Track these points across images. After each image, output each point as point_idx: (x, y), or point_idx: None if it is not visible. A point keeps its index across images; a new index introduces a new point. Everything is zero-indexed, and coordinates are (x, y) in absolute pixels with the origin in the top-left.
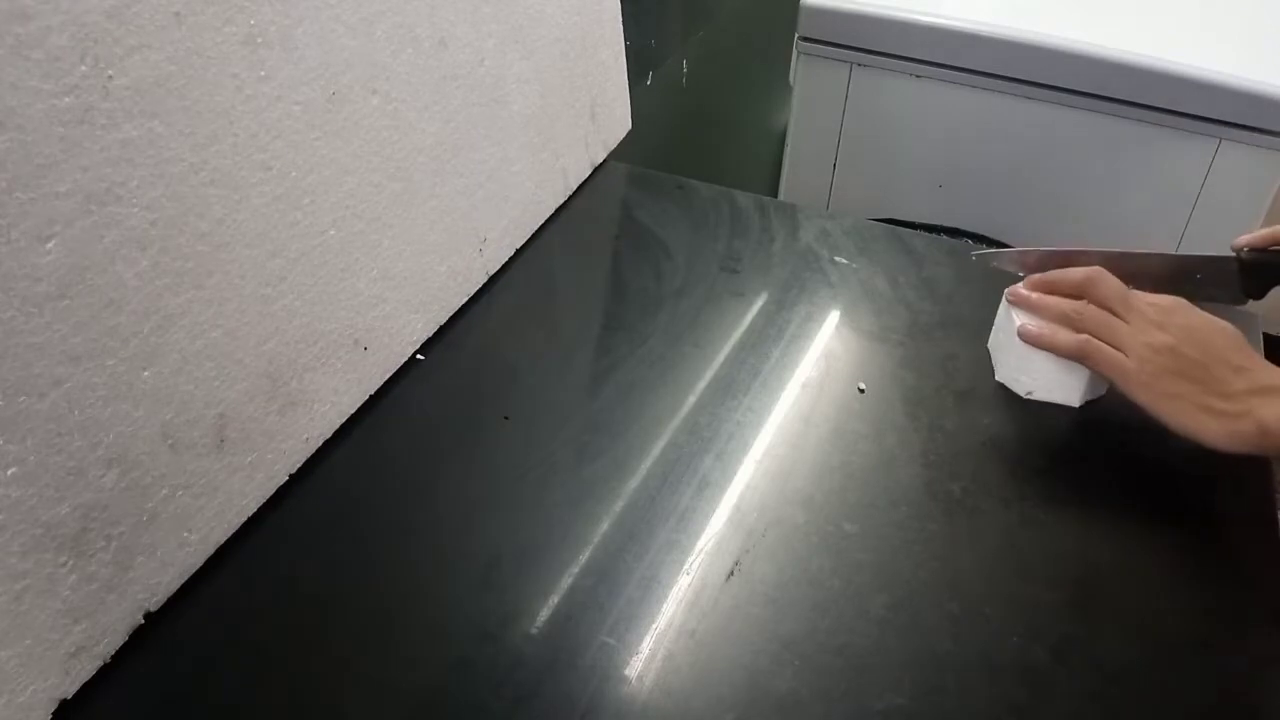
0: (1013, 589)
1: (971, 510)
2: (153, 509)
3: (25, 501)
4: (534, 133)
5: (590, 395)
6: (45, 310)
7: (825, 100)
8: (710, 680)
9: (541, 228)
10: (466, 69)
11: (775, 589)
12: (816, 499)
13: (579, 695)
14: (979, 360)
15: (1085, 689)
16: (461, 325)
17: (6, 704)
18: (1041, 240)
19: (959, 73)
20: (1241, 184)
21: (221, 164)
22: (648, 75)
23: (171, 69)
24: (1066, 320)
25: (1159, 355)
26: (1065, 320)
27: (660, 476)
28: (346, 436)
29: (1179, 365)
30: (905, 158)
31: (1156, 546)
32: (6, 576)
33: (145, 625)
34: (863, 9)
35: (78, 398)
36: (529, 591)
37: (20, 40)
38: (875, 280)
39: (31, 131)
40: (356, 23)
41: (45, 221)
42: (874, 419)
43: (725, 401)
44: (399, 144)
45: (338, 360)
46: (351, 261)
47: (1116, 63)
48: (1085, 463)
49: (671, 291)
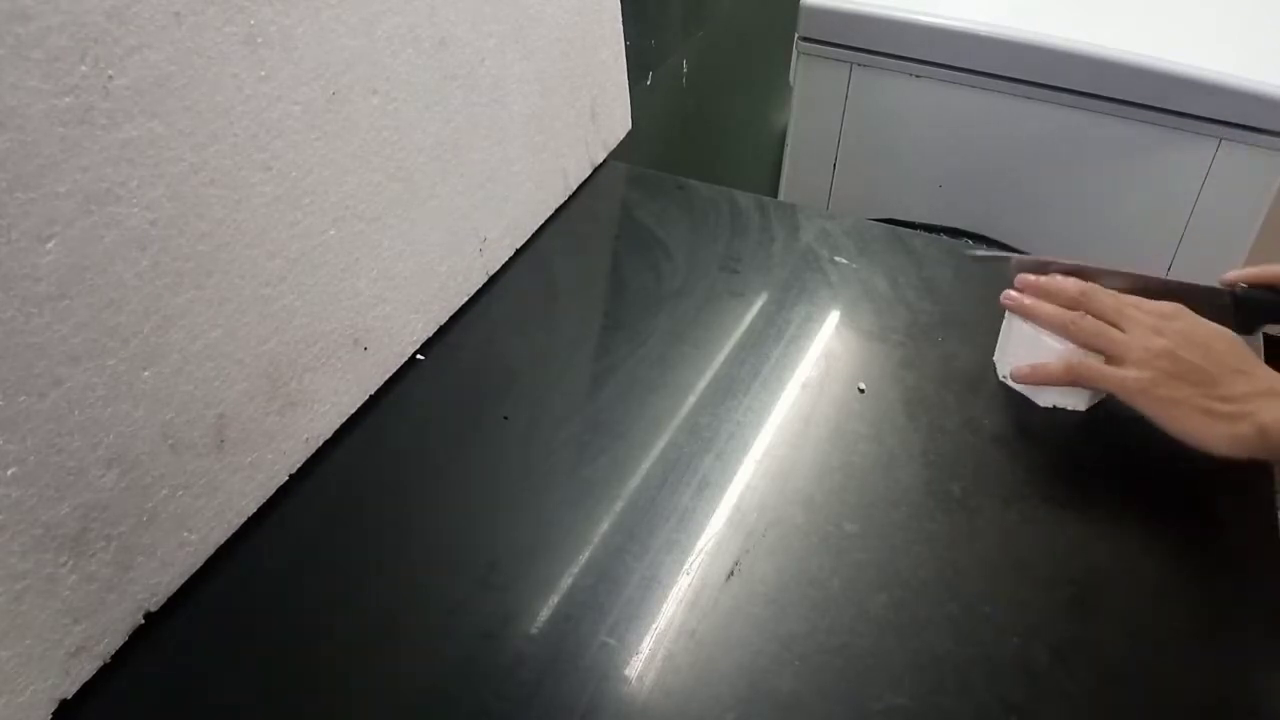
0: (1013, 589)
1: (971, 510)
2: (153, 509)
3: (25, 501)
4: (534, 133)
5: (590, 395)
6: (45, 310)
7: (825, 100)
8: (710, 680)
9: (541, 228)
10: (466, 69)
11: (775, 589)
12: (816, 499)
13: (579, 695)
14: (979, 360)
15: (1085, 689)
16: (461, 325)
17: (6, 704)
18: (1043, 240)
19: (959, 73)
20: (1241, 184)
21: (221, 164)
22: (648, 75)
23: (171, 69)
24: (1062, 329)
25: (1158, 360)
26: (1061, 329)
27: (660, 476)
28: (346, 436)
29: (1178, 370)
30: (905, 158)
31: (1156, 547)
32: (6, 576)
33: (145, 625)
34: (863, 9)
35: (78, 398)
36: (529, 591)
37: (20, 40)
38: (875, 280)
39: (31, 131)
40: (356, 23)
41: (45, 221)
42: (874, 419)
43: (725, 401)
44: (399, 144)
45: (338, 360)
46: (351, 261)
47: (1116, 63)
48: (1085, 463)
49: (671, 291)
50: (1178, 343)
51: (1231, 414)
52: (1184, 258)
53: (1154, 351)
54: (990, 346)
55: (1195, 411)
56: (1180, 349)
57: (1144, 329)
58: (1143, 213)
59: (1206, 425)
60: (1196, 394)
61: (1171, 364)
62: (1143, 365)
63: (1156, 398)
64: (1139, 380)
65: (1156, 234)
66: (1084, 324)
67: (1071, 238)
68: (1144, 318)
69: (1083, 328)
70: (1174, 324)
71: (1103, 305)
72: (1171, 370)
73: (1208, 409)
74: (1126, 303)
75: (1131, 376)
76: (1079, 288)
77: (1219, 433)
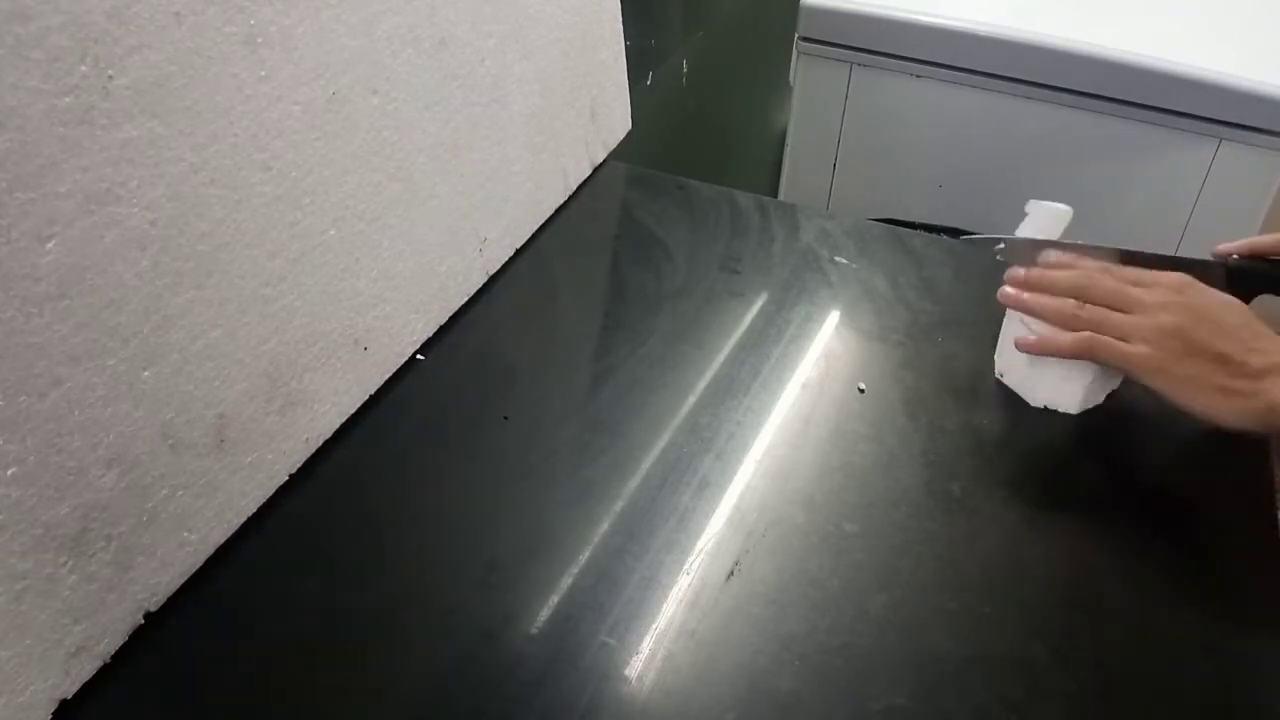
0: (1012, 589)
1: (971, 510)
2: (153, 509)
3: (25, 501)
4: (534, 133)
5: (590, 395)
6: (45, 310)
7: (825, 100)
8: (710, 680)
9: (541, 228)
10: (466, 69)
11: (775, 589)
12: (816, 499)
13: (579, 695)
14: (979, 360)
15: (1085, 689)
16: (461, 325)
17: (6, 704)
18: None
19: (959, 73)
20: (1241, 184)
21: (221, 164)
22: (648, 75)
23: (171, 69)
24: (1066, 321)
25: (1168, 338)
26: (1064, 321)
27: (660, 476)
28: (346, 436)
29: (1189, 346)
30: (905, 158)
31: (1156, 546)
32: (6, 576)
33: (145, 625)
34: (863, 9)
35: (78, 398)
36: (529, 591)
37: (20, 40)
38: (875, 280)
39: (31, 131)
40: (356, 23)
41: (45, 221)
42: (874, 419)
43: (725, 401)
44: (399, 144)
45: (338, 360)
46: (351, 261)
47: (1116, 63)
48: (1085, 462)
49: (671, 291)
50: (1187, 319)
51: (1245, 389)
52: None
53: (1164, 331)
54: (990, 346)
55: (1208, 388)
56: (1190, 327)
57: (1151, 308)
58: (1143, 213)
59: (1221, 401)
60: (1209, 370)
61: (1182, 342)
62: (1152, 344)
63: (1168, 375)
64: (1150, 358)
65: (1156, 234)
66: (1086, 313)
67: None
68: (1149, 295)
69: (1085, 319)
70: (1182, 298)
71: (1104, 290)
72: (1183, 348)
73: (1221, 385)
74: (1129, 280)
75: (1142, 353)
76: (1073, 279)
77: (1232, 408)
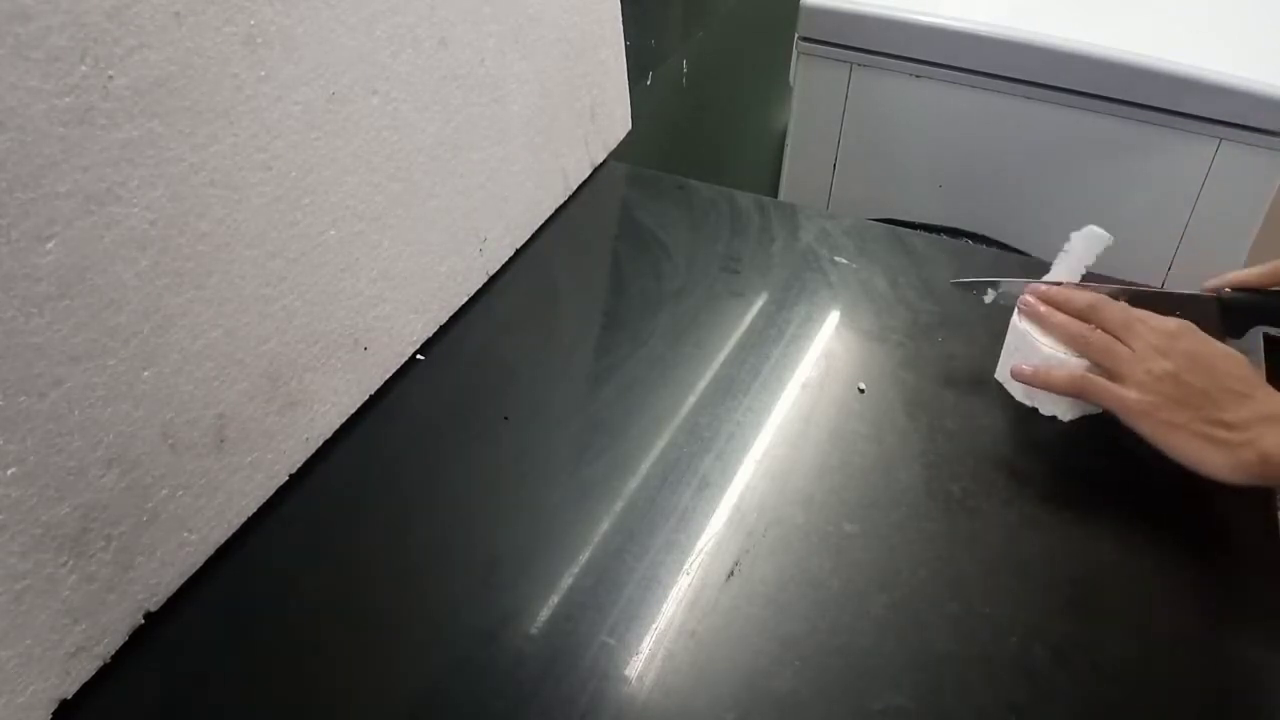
0: (1013, 589)
1: (971, 510)
2: (153, 509)
3: (25, 501)
4: (534, 133)
5: (590, 395)
6: (45, 310)
7: (825, 100)
8: (710, 680)
9: (541, 228)
10: (466, 69)
11: (775, 589)
12: (816, 499)
13: (579, 695)
14: (979, 360)
15: (1085, 689)
16: (461, 325)
17: (6, 704)
18: (1043, 240)
19: (959, 73)
20: (1241, 184)
21: (221, 164)
22: (648, 75)
23: (171, 69)
24: (1075, 341)
25: (1160, 383)
26: (1074, 341)
27: (660, 476)
28: (346, 436)
29: (1181, 393)
30: (905, 158)
31: (1156, 546)
32: (6, 576)
33: (145, 625)
34: (863, 9)
35: (78, 398)
36: (529, 591)
37: (20, 40)
38: (875, 280)
39: (31, 131)
40: (356, 23)
41: (45, 221)
42: (874, 419)
43: (725, 402)
44: (399, 144)
45: (338, 360)
46: (351, 261)
47: (1116, 63)
48: (1085, 463)
49: (671, 292)
50: (1182, 365)
51: (1233, 440)
52: (1184, 258)
53: (1157, 374)
54: (990, 347)
55: (1196, 437)
56: (1184, 372)
57: (1149, 348)
58: (1143, 213)
59: (1208, 451)
60: (1198, 419)
61: (1174, 387)
62: (1145, 388)
63: (1158, 421)
64: (1140, 403)
65: (1156, 234)
66: (1094, 338)
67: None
68: (1150, 335)
69: (1094, 343)
70: (1179, 344)
71: (1112, 318)
72: (1174, 394)
73: (1209, 435)
74: (1134, 317)
75: (1133, 398)
76: (1087, 300)
77: (1220, 459)
